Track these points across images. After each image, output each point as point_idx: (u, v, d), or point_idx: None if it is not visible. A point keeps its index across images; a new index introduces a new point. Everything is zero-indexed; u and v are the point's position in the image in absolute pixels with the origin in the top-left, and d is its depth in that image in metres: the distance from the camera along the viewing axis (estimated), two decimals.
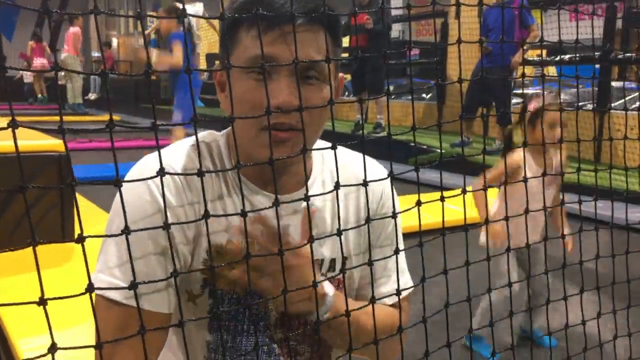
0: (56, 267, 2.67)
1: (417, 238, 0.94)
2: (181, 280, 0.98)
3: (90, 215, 3.58)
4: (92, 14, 0.58)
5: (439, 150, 7.00)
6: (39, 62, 13.36)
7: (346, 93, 12.09)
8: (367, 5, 7.28)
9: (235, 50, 0.94)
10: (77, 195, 0.65)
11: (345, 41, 10.99)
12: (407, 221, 0.90)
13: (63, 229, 3.07)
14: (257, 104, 0.89)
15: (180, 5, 5.94)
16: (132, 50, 15.31)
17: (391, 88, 8.42)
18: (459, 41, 0.92)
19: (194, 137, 1.00)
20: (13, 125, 0.51)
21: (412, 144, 6.92)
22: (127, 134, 8.55)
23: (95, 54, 17.53)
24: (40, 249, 0.62)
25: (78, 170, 3.51)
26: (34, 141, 3.05)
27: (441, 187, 0.96)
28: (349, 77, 8.10)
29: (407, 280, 1.13)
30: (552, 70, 9.70)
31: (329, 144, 1.07)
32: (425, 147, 7.22)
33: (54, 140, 3.15)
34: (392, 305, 1.08)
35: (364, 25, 7.16)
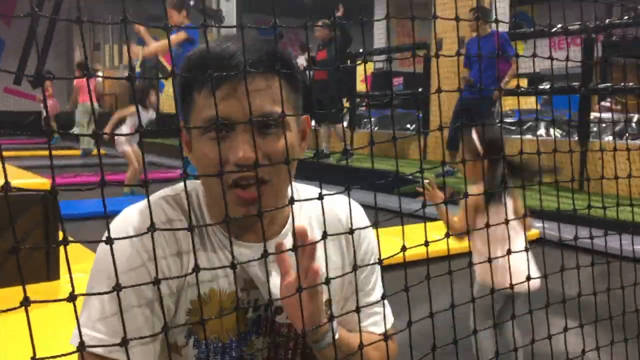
0: (41, 307, 2.63)
1: (400, 270, 0.96)
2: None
3: (74, 254, 3.50)
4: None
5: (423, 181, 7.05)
6: (51, 102, 13.24)
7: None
8: (325, 43, 8.03)
9: (192, 111, 0.94)
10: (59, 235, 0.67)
11: None
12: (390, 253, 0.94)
13: (48, 269, 3.02)
14: (222, 160, 0.89)
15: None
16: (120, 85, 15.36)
17: (373, 119, 8.61)
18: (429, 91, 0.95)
19: (171, 188, 1.01)
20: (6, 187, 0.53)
21: (397, 174, 6.96)
22: (113, 167, 8.50)
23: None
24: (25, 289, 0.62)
25: (64, 207, 3.47)
26: (18, 180, 3.03)
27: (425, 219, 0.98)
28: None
29: (388, 314, 1.15)
30: (531, 100, 9.84)
31: (311, 188, 1.08)
32: (410, 177, 7.26)
33: (38, 178, 3.13)
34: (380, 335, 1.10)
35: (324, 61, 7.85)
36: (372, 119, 10.92)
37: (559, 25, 6.07)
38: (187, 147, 1.00)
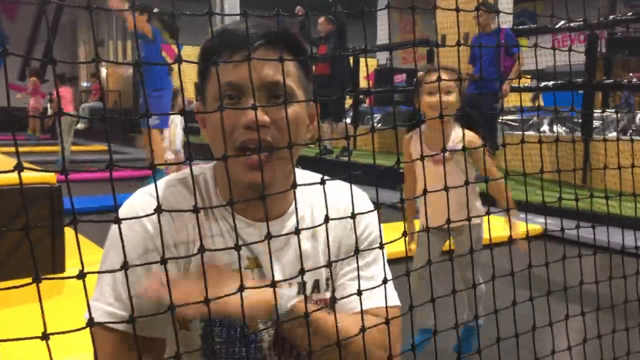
0: (48, 299, 2.64)
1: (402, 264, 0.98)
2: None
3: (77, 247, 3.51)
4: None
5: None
6: (33, 101, 13.43)
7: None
8: (326, 37, 7.98)
9: (208, 82, 0.99)
10: (65, 227, 0.68)
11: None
12: (390, 248, 0.96)
13: (53, 262, 3.04)
14: (232, 124, 0.93)
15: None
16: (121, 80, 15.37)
17: (378, 115, 8.64)
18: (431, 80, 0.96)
19: (181, 172, 1.04)
20: (19, 168, 0.54)
21: (401, 171, 6.95)
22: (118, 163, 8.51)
23: (84, 84, 17.55)
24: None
25: (68, 202, 3.47)
26: (24, 173, 3.03)
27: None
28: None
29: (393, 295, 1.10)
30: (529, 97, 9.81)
31: (315, 175, 1.09)
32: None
33: (44, 172, 3.14)
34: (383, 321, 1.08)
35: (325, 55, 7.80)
36: (376, 116, 10.95)
37: (563, 22, 6.08)
38: (201, 123, 1.03)
